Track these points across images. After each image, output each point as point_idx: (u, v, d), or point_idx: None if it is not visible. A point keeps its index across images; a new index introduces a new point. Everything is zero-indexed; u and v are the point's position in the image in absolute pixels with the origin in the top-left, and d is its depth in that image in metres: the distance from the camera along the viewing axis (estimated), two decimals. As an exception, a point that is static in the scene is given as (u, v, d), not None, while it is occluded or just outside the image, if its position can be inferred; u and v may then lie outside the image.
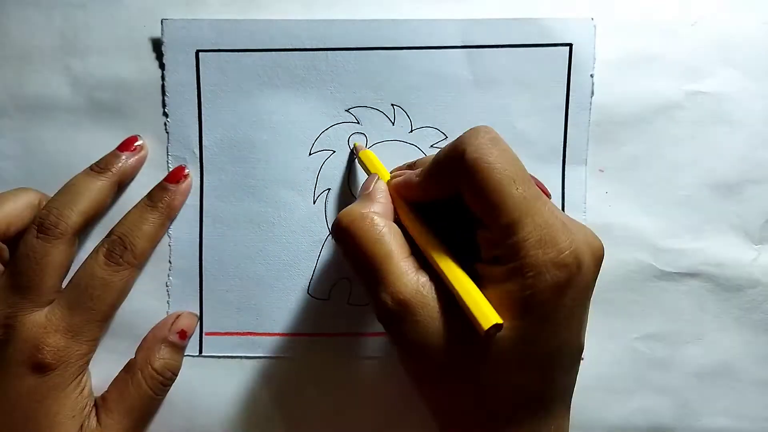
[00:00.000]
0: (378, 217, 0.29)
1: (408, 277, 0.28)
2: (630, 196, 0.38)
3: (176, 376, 0.37)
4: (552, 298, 0.26)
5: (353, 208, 0.30)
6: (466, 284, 0.27)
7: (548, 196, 0.32)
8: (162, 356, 0.36)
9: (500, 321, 0.26)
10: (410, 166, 0.34)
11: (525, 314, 0.26)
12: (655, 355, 0.38)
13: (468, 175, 0.27)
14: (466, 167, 0.27)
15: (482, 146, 0.27)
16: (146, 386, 0.35)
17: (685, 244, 0.38)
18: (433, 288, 0.28)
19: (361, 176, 0.38)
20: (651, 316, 0.38)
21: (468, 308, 0.26)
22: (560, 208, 0.37)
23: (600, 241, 0.28)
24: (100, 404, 0.35)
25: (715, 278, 0.38)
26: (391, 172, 0.34)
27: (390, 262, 0.28)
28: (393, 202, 0.31)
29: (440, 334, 0.27)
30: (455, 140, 0.28)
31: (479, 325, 0.25)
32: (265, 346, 0.38)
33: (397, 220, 0.31)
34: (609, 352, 0.38)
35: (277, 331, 0.38)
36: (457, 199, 0.29)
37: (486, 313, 0.26)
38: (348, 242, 0.29)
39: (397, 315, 0.27)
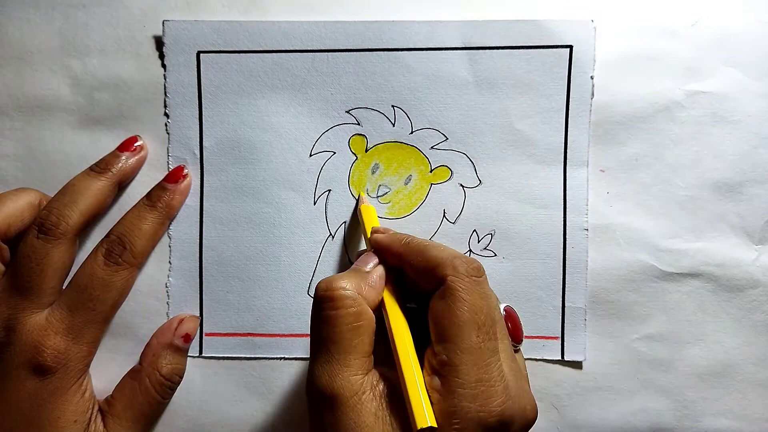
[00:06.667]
0: (365, 306, 0.29)
1: (355, 378, 0.27)
2: (631, 196, 0.38)
3: (182, 378, 0.37)
4: None
5: (347, 281, 0.29)
6: (418, 382, 0.27)
7: (519, 340, 0.32)
8: (169, 362, 0.36)
9: (435, 425, 0.26)
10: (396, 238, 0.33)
11: None
12: (656, 355, 0.38)
13: (444, 297, 0.28)
14: (444, 290, 0.28)
15: (466, 281, 0.28)
16: (155, 393, 0.36)
17: (686, 244, 0.38)
18: (373, 399, 0.27)
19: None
20: (652, 316, 0.38)
21: (411, 402, 0.26)
22: (562, 209, 0.38)
23: (536, 411, 0.28)
24: (105, 410, 0.35)
25: (716, 279, 0.38)
26: (372, 230, 0.34)
27: (351, 354, 0.28)
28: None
29: None
30: (447, 254, 0.29)
31: (415, 421, 0.26)
32: (265, 347, 0.38)
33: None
34: (610, 353, 0.38)
35: (276, 332, 0.38)
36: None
37: (425, 413, 0.26)
38: (325, 312, 0.28)
39: (325, 402, 0.27)
